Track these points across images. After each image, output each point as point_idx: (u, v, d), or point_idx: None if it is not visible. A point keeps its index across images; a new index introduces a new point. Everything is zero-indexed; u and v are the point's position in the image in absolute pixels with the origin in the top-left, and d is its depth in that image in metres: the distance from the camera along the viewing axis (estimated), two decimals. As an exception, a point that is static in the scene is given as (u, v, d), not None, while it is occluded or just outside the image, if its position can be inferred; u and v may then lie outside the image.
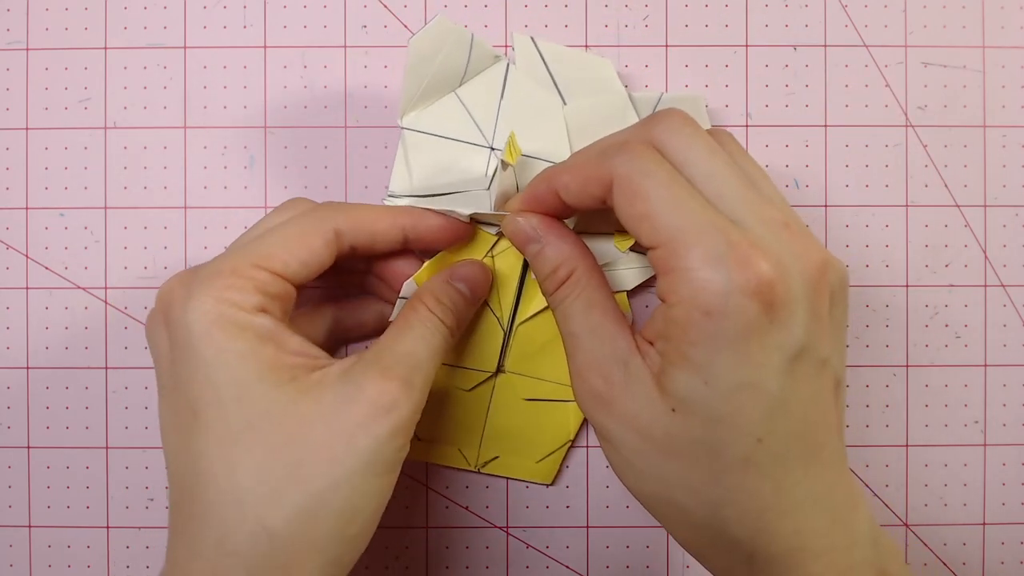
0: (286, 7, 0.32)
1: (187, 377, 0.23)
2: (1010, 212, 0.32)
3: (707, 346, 0.21)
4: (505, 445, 0.31)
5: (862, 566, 0.22)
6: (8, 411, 0.32)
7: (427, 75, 0.29)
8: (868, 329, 0.32)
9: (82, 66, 0.32)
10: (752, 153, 0.32)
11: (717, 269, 0.21)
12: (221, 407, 0.22)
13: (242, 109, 0.32)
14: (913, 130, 0.32)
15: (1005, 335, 0.32)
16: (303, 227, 0.25)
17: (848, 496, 0.23)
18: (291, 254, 0.24)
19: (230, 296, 0.23)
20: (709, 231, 0.21)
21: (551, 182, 0.25)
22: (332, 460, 0.22)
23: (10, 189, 0.32)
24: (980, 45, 0.32)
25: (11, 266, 0.32)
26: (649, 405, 0.22)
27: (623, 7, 0.32)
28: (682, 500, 0.23)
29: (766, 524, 0.22)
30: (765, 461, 0.22)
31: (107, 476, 0.32)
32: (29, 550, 0.32)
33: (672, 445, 0.22)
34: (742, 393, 0.21)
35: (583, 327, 0.24)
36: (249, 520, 0.22)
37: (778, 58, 0.32)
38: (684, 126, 0.23)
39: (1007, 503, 0.32)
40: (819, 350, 0.22)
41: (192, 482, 0.23)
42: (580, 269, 0.25)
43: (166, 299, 0.24)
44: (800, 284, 0.21)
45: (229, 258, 0.24)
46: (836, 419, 0.23)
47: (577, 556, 0.32)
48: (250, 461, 0.22)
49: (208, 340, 0.23)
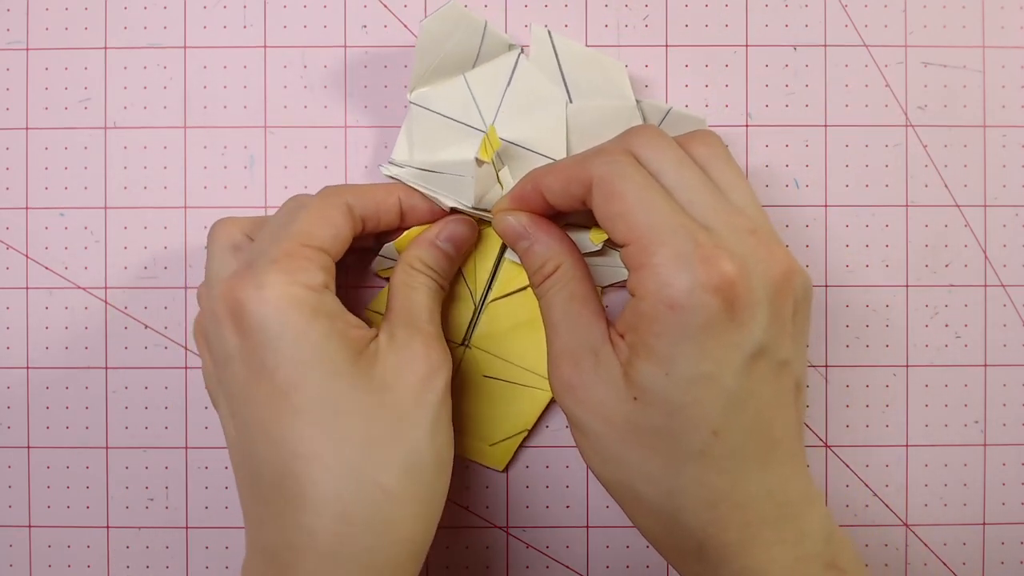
0: (286, 7, 0.32)
1: (272, 364, 0.23)
2: (1010, 212, 0.32)
3: (670, 338, 0.22)
4: (462, 422, 0.31)
5: (810, 559, 0.24)
6: (8, 411, 0.32)
7: (437, 56, 0.29)
8: (868, 329, 0.32)
9: (82, 66, 0.32)
10: (752, 153, 0.32)
11: (683, 266, 0.22)
12: (312, 387, 0.23)
13: (242, 109, 0.32)
14: (913, 130, 0.32)
15: (1005, 335, 0.32)
16: (322, 206, 0.26)
17: (802, 493, 0.24)
18: (325, 231, 0.25)
19: (300, 278, 0.24)
20: (678, 231, 0.23)
21: (536, 183, 0.26)
22: (417, 416, 0.24)
23: (10, 189, 0.32)
24: (980, 45, 0.32)
25: (11, 266, 0.32)
26: (614, 393, 0.24)
27: (623, 7, 0.32)
28: (640, 487, 0.24)
29: (718, 515, 0.23)
30: (720, 454, 0.23)
31: (107, 476, 0.32)
32: (29, 550, 0.32)
33: (633, 433, 0.24)
34: (700, 385, 0.23)
35: (562, 316, 0.26)
36: (367, 484, 0.23)
37: (778, 58, 0.32)
38: (658, 139, 0.25)
39: (1007, 503, 0.32)
40: (779, 352, 0.23)
41: (292, 465, 0.23)
42: (566, 264, 0.26)
43: (232, 295, 0.24)
44: (762, 287, 0.23)
45: (275, 244, 0.25)
46: (795, 419, 0.24)
47: (577, 556, 0.32)
48: (351, 431, 0.24)
49: (288, 324, 0.23)
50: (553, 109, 0.30)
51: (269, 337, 0.23)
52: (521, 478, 0.32)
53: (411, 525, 0.24)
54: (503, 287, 0.30)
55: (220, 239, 0.27)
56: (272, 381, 0.23)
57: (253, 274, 0.24)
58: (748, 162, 0.32)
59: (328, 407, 0.24)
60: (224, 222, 0.27)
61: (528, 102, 0.30)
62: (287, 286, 0.24)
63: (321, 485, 0.23)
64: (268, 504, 0.24)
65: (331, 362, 0.24)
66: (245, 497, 0.25)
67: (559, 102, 0.30)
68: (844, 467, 0.32)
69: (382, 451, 0.24)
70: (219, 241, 0.27)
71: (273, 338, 0.23)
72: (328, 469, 0.23)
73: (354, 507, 0.23)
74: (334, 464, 0.23)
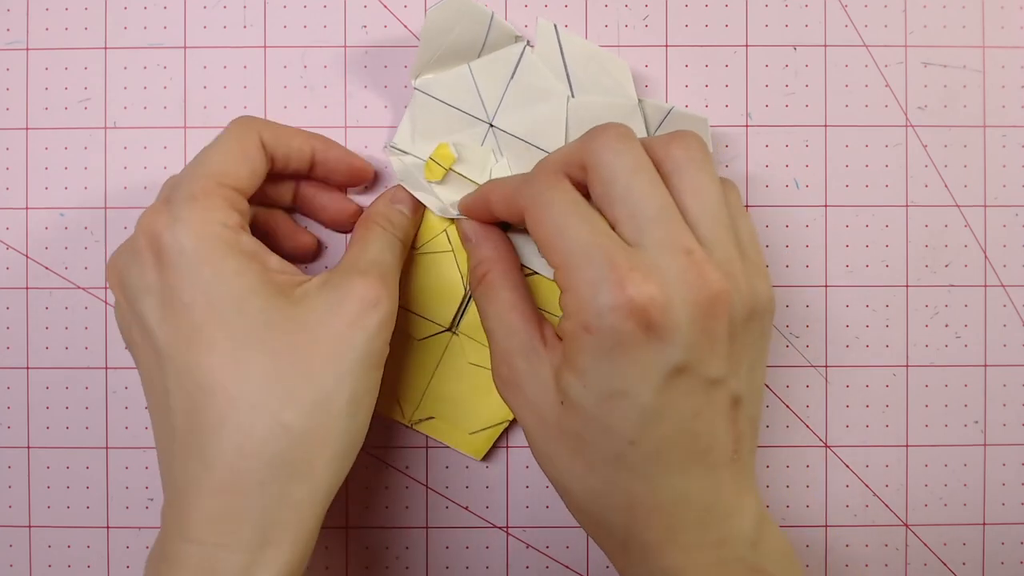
0: (286, 7, 0.32)
1: (188, 299, 0.24)
2: (1010, 212, 0.32)
3: (586, 356, 0.24)
4: (443, 408, 0.31)
5: (731, 563, 0.24)
6: (8, 411, 0.32)
7: (442, 46, 0.29)
8: (868, 329, 0.32)
9: (82, 66, 0.32)
10: (752, 153, 0.32)
11: (596, 291, 0.23)
12: (224, 322, 0.24)
13: (242, 109, 0.32)
14: (913, 130, 0.32)
15: (1005, 335, 0.32)
16: (237, 138, 0.27)
17: (730, 499, 0.25)
18: (239, 166, 0.26)
19: (214, 216, 0.25)
20: (595, 255, 0.23)
21: (485, 197, 0.28)
22: (335, 356, 0.24)
23: (10, 189, 0.32)
24: (980, 45, 0.32)
25: (11, 266, 0.32)
26: (545, 394, 0.25)
27: (623, 7, 0.32)
28: (568, 483, 0.25)
29: (637, 516, 0.24)
30: (637, 461, 0.24)
31: (107, 476, 0.32)
32: (29, 550, 0.32)
33: (560, 433, 0.25)
34: (614, 400, 0.24)
35: (494, 320, 0.27)
36: (266, 419, 0.24)
37: (778, 58, 0.32)
38: (617, 142, 0.24)
39: (1007, 503, 0.32)
40: (707, 370, 0.24)
41: (199, 398, 0.24)
42: (495, 271, 0.28)
43: (150, 227, 0.24)
44: (684, 308, 0.23)
45: (192, 181, 0.25)
46: (729, 432, 0.25)
47: (577, 556, 0.32)
48: (259, 367, 0.24)
49: (205, 260, 0.24)
50: (554, 103, 0.30)
51: (186, 271, 0.24)
52: (521, 478, 0.32)
53: (313, 465, 0.24)
54: None
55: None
56: (187, 315, 0.24)
57: (170, 209, 0.24)
58: (748, 162, 0.32)
59: (237, 342, 0.24)
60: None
61: (530, 95, 0.30)
62: (204, 224, 0.24)
63: (223, 417, 0.23)
64: (176, 439, 0.24)
65: (245, 299, 0.24)
66: (159, 436, 0.25)
67: (561, 96, 0.30)
68: (844, 467, 0.32)
69: (288, 388, 0.24)
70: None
71: (190, 272, 0.24)
72: (231, 402, 0.24)
73: (253, 441, 0.23)
74: (238, 397, 0.24)
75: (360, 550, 0.32)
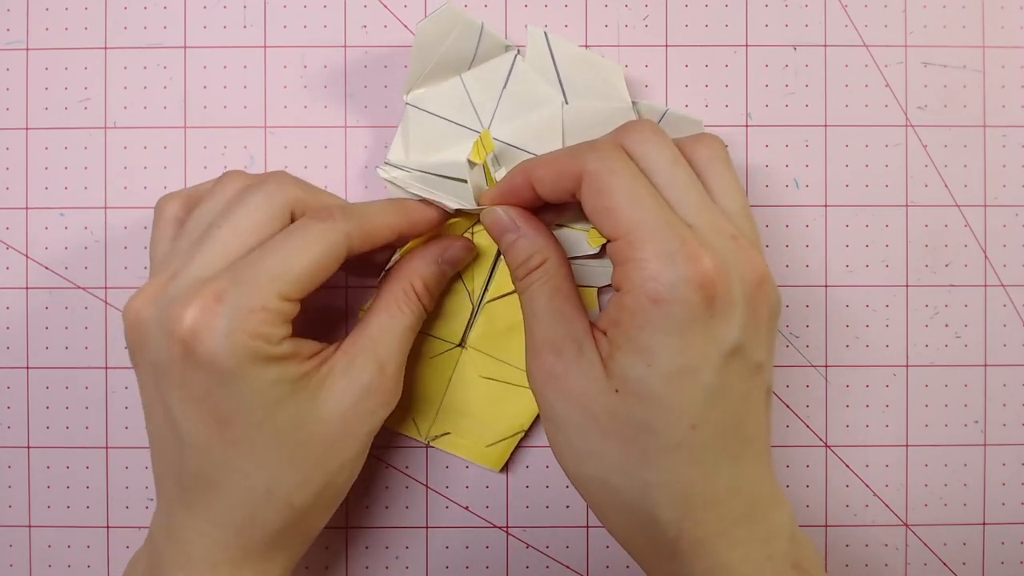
0: (286, 7, 0.32)
1: (220, 396, 0.23)
2: (1010, 212, 0.32)
3: (652, 331, 0.23)
4: (458, 423, 0.31)
5: (778, 558, 0.24)
6: (8, 411, 0.32)
7: (433, 58, 0.29)
8: (868, 329, 0.32)
9: (82, 66, 0.32)
10: (752, 153, 0.32)
11: (667, 262, 0.23)
12: (252, 424, 0.24)
13: (242, 109, 0.32)
14: (913, 130, 0.32)
15: (1005, 335, 0.32)
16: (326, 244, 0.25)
17: (770, 492, 0.25)
18: (315, 281, 0.24)
19: (264, 331, 0.23)
20: (664, 228, 0.23)
21: (527, 174, 0.27)
22: (344, 447, 0.26)
23: (10, 189, 0.32)
24: (980, 45, 0.32)
25: (11, 266, 0.32)
26: (595, 384, 0.24)
27: (623, 7, 0.32)
28: (616, 481, 0.24)
29: (692, 510, 0.24)
30: (696, 447, 0.23)
31: (107, 476, 0.32)
32: (29, 550, 0.32)
33: (612, 425, 0.24)
34: (681, 377, 0.23)
35: (546, 308, 0.26)
36: (279, 502, 0.25)
37: (778, 58, 0.32)
38: (653, 136, 0.25)
39: (1007, 503, 0.32)
40: (755, 353, 0.24)
41: (218, 472, 0.24)
42: (552, 259, 0.27)
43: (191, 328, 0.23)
44: (740, 288, 0.23)
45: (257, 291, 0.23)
46: (765, 420, 0.25)
47: (577, 556, 0.32)
48: (280, 461, 0.24)
49: (242, 373, 0.23)
50: (549, 110, 0.30)
51: (222, 373, 0.23)
52: (521, 478, 0.32)
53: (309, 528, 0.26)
54: (499, 288, 0.30)
55: (165, 213, 0.27)
56: (213, 409, 0.24)
57: (222, 312, 0.23)
58: (748, 162, 0.32)
59: (262, 440, 0.24)
60: (168, 198, 0.27)
61: (524, 103, 0.30)
62: (248, 338, 0.23)
63: (236, 493, 0.24)
64: (182, 487, 0.25)
65: (275, 404, 0.24)
66: (162, 473, 0.26)
67: (555, 103, 0.30)
68: (844, 467, 0.32)
69: (303, 476, 0.25)
70: (164, 215, 0.27)
71: (224, 376, 0.23)
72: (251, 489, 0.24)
73: (263, 517, 0.25)
74: (257, 485, 0.24)
75: (360, 550, 0.32)
